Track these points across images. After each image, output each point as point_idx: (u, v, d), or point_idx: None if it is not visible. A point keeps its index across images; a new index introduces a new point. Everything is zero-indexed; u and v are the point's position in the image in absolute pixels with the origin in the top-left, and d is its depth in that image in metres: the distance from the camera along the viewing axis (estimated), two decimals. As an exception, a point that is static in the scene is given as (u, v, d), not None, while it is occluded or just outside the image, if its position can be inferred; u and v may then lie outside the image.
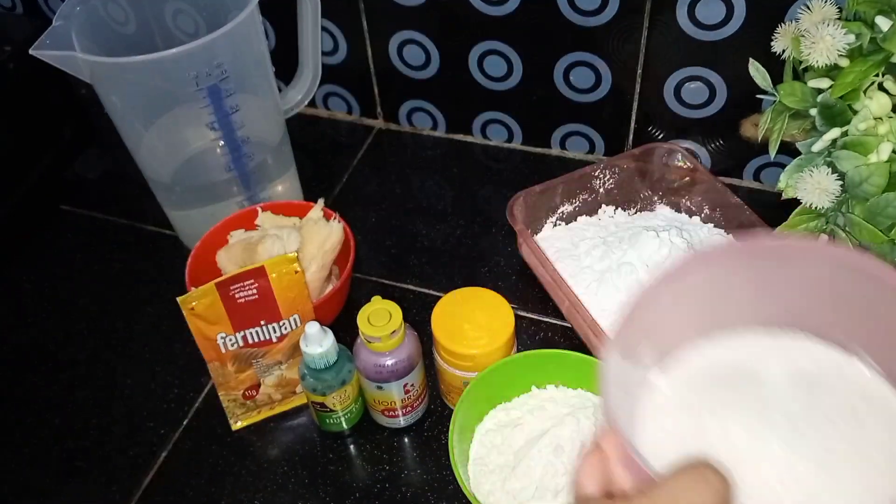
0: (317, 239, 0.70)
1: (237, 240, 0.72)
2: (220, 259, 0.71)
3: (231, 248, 0.71)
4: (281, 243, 0.68)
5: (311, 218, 0.73)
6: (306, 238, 0.70)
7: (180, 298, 0.60)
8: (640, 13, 0.73)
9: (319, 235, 0.70)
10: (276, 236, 0.69)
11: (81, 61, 0.63)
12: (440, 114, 0.90)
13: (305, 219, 0.73)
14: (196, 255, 0.70)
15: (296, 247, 0.69)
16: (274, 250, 0.67)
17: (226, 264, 0.71)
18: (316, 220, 0.72)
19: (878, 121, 0.53)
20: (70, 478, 0.64)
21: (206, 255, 0.71)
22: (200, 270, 0.69)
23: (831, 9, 0.55)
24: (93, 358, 0.73)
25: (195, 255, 0.70)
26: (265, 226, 0.73)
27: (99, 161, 0.93)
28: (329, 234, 0.71)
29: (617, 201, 0.79)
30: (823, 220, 0.57)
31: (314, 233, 0.70)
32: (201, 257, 0.71)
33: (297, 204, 0.75)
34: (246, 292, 0.62)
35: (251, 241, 0.70)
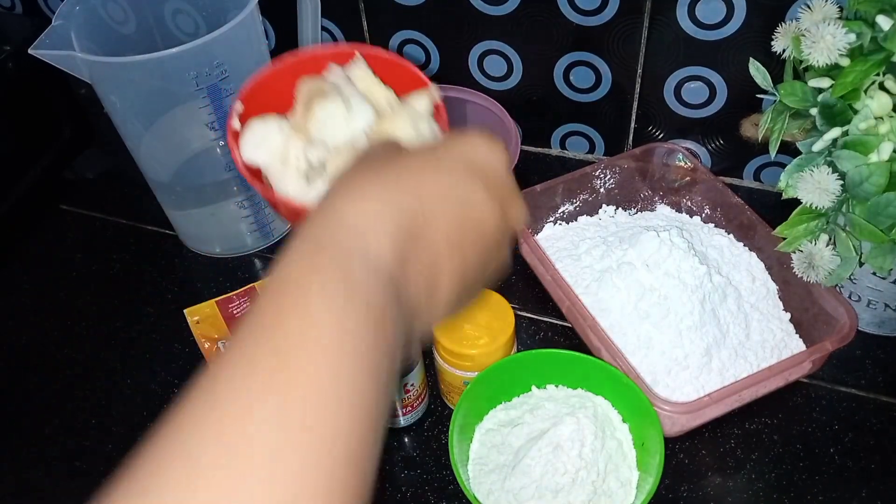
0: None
1: (309, 85, 0.54)
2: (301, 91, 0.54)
3: (303, 86, 0.54)
4: (342, 114, 0.51)
5: (413, 107, 0.53)
6: (385, 127, 0.52)
7: (187, 311, 0.71)
8: (640, 13, 0.73)
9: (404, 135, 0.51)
10: (343, 100, 0.51)
11: (81, 61, 0.63)
12: (440, 114, 0.90)
13: (405, 102, 0.54)
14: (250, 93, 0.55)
15: (362, 125, 0.51)
16: (328, 120, 0.51)
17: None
18: (416, 117, 0.52)
19: (878, 120, 0.53)
20: (70, 478, 0.64)
21: (261, 92, 0.55)
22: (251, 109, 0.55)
23: (832, 8, 0.55)
24: (93, 358, 0.73)
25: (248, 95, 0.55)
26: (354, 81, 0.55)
27: (99, 161, 0.93)
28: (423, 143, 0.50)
29: (617, 201, 0.79)
30: (824, 220, 0.57)
31: (400, 129, 0.51)
32: (254, 95, 0.55)
33: (408, 70, 0.56)
34: (242, 307, 0.72)
35: (319, 89, 0.53)
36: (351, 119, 0.51)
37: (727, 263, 0.70)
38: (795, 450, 0.62)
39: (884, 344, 0.68)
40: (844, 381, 0.66)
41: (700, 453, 0.62)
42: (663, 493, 0.60)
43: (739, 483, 0.60)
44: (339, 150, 0.51)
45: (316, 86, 0.54)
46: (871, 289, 0.65)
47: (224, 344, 0.70)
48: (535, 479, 0.56)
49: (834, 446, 0.62)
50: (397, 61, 0.57)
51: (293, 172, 0.51)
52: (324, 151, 0.51)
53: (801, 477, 0.60)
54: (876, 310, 0.66)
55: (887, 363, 0.67)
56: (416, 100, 0.54)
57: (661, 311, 0.64)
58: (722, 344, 0.64)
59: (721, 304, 0.65)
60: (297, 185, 0.51)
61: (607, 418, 0.61)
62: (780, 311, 0.68)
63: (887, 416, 0.63)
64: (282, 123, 0.53)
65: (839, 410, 0.64)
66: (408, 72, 0.56)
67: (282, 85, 0.55)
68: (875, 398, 0.65)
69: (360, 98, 0.52)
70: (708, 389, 0.62)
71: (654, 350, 0.64)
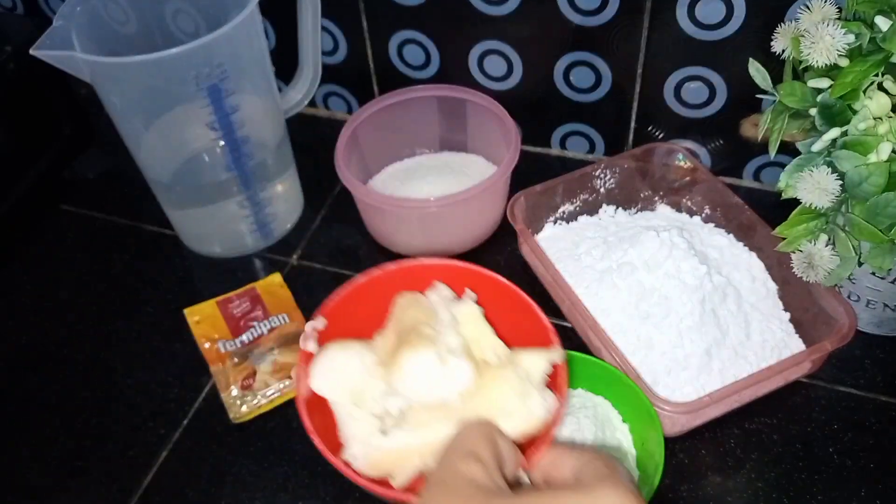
0: (512, 415, 0.43)
1: (406, 308, 0.48)
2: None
3: (400, 308, 0.49)
4: (434, 370, 0.43)
5: (524, 368, 0.44)
6: (484, 389, 0.43)
7: (187, 311, 0.73)
8: (640, 13, 0.73)
9: (517, 411, 0.43)
10: (438, 352, 0.44)
11: (81, 61, 0.63)
12: (440, 114, 0.90)
13: (516, 357, 0.45)
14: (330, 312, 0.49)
15: (456, 389, 0.43)
16: (416, 374, 0.43)
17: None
18: (525, 382, 0.44)
19: (877, 121, 0.53)
20: (70, 478, 0.64)
21: (336, 315, 0.49)
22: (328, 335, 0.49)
23: (831, 8, 0.55)
24: (93, 358, 0.73)
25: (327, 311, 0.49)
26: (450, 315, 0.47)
27: (99, 161, 0.93)
28: (529, 416, 0.43)
29: (617, 201, 0.79)
30: (823, 220, 0.57)
31: (502, 396, 0.43)
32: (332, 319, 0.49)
33: (531, 314, 0.47)
34: (241, 307, 0.73)
35: (413, 328, 0.45)
36: (444, 378, 0.43)
37: (727, 263, 0.70)
38: (795, 450, 0.62)
39: (883, 344, 0.68)
40: (844, 380, 0.66)
41: (700, 453, 0.62)
42: (663, 493, 0.60)
43: (739, 483, 0.60)
44: (423, 405, 0.43)
45: (412, 315, 0.46)
46: (870, 289, 0.65)
47: (225, 342, 0.70)
48: (535, 479, 0.56)
49: (833, 446, 0.62)
50: (519, 298, 0.48)
51: (366, 416, 0.44)
52: (406, 402, 0.43)
53: (801, 477, 0.60)
54: (875, 310, 0.66)
55: (887, 363, 0.67)
56: (531, 359, 0.45)
57: (661, 311, 0.64)
58: (722, 344, 0.64)
59: (721, 304, 0.65)
60: (367, 433, 0.44)
61: (607, 418, 0.61)
62: (780, 311, 0.68)
63: (887, 416, 0.63)
64: (364, 355, 0.45)
65: (839, 410, 0.64)
66: (531, 316, 0.47)
67: (374, 295, 0.49)
68: (874, 398, 0.65)
69: (459, 355, 0.43)
70: (708, 389, 0.62)
71: (654, 350, 0.64)
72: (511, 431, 0.41)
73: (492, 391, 0.43)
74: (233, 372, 0.68)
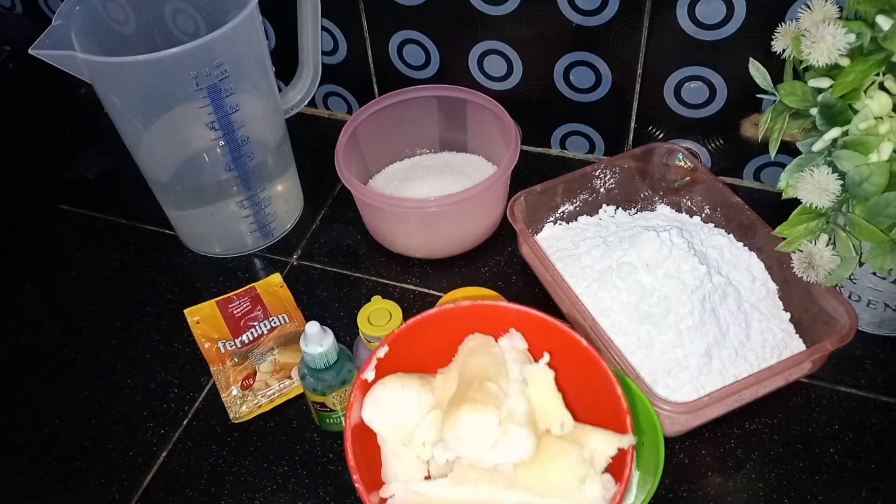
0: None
1: (474, 352, 0.45)
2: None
3: (467, 352, 0.46)
4: (491, 434, 0.40)
5: (589, 451, 0.42)
6: (541, 465, 0.41)
7: (187, 311, 0.73)
8: (640, 13, 0.73)
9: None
10: (500, 417, 0.41)
11: (81, 61, 0.63)
12: (440, 114, 0.90)
13: (582, 434, 0.42)
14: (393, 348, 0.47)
15: (511, 459, 0.40)
16: (472, 434, 0.40)
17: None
18: (587, 468, 0.41)
19: (878, 120, 0.53)
20: (70, 478, 0.64)
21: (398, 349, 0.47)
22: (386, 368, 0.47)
23: (832, 8, 0.55)
24: (93, 358, 0.73)
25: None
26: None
27: (99, 161, 0.93)
28: (584, 502, 0.41)
29: (617, 201, 0.79)
30: (824, 220, 0.57)
31: (559, 478, 0.40)
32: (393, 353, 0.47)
33: (613, 395, 0.43)
34: (242, 307, 0.73)
35: (479, 381, 0.43)
36: (501, 445, 0.40)
37: (727, 263, 0.70)
38: (795, 450, 0.62)
39: (884, 344, 0.68)
40: (844, 380, 0.66)
41: (700, 453, 0.62)
42: (663, 493, 0.60)
43: (739, 483, 0.60)
44: (472, 463, 0.41)
45: (480, 363, 0.43)
46: (870, 289, 0.65)
47: (225, 343, 0.70)
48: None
49: (834, 446, 0.62)
50: (600, 368, 0.43)
51: (412, 458, 0.43)
52: (455, 455, 0.41)
53: (801, 477, 0.60)
54: (876, 310, 0.66)
55: (887, 363, 0.67)
56: (598, 441, 0.42)
57: (661, 312, 0.64)
58: (722, 344, 0.64)
59: (721, 304, 0.65)
60: (410, 475, 0.42)
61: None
62: (780, 311, 0.68)
63: (887, 416, 0.63)
64: (422, 396, 0.44)
65: (839, 410, 0.64)
66: (608, 391, 0.43)
67: (443, 330, 0.46)
68: (875, 398, 0.65)
69: (522, 424, 0.40)
70: (708, 389, 0.62)
71: (654, 350, 0.64)
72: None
73: (549, 467, 0.40)
74: (233, 372, 0.68)
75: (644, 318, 0.64)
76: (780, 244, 0.60)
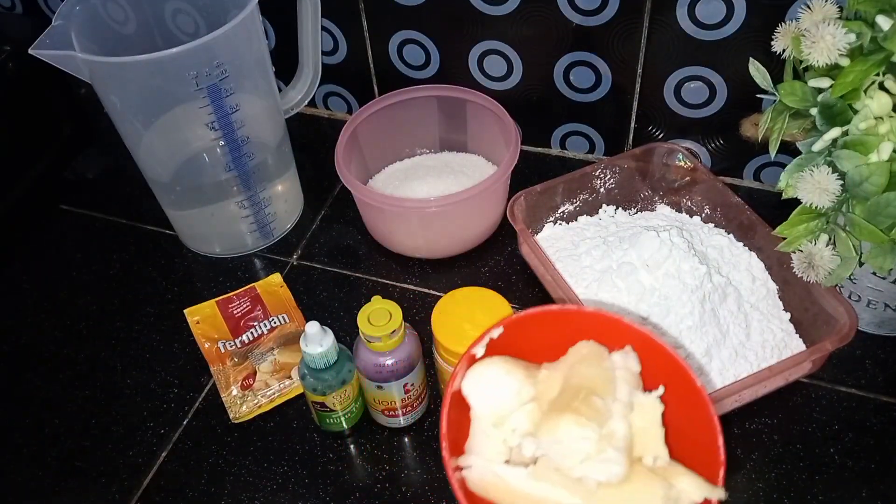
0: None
1: (586, 359, 0.45)
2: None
3: (578, 357, 0.46)
4: (586, 447, 0.41)
5: (676, 487, 0.41)
6: (626, 496, 0.41)
7: (187, 311, 0.74)
8: (640, 13, 0.73)
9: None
10: (599, 432, 0.41)
11: (81, 61, 0.63)
12: (440, 114, 0.90)
13: (672, 471, 0.42)
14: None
15: (599, 478, 0.41)
16: (566, 441, 0.41)
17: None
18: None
19: (878, 120, 0.53)
20: (70, 478, 0.64)
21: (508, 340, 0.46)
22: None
23: (832, 8, 0.55)
24: (93, 358, 0.73)
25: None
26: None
27: (99, 161, 0.93)
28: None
29: (617, 201, 0.79)
30: (824, 220, 0.57)
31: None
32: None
33: (712, 437, 0.42)
34: (242, 307, 0.73)
35: (586, 392, 0.43)
36: (592, 462, 0.40)
37: (727, 263, 0.70)
38: (795, 450, 0.62)
39: (884, 344, 0.68)
40: (844, 381, 0.66)
41: (700, 453, 0.62)
42: (663, 493, 0.60)
43: (739, 483, 0.60)
44: (557, 465, 0.41)
45: (589, 373, 0.43)
46: (871, 289, 0.65)
47: (225, 343, 0.70)
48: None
49: (834, 446, 0.62)
50: (709, 416, 0.43)
51: (499, 441, 0.43)
52: (542, 453, 0.42)
53: (802, 477, 0.60)
54: (876, 310, 0.66)
55: (887, 363, 0.67)
56: (688, 483, 0.41)
57: (661, 312, 0.64)
58: (722, 344, 0.64)
59: (721, 304, 0.65)
60: (492, 456, 0.43)
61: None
62: (780, 311, 0.68)
63: (887, 416, 0.63)
64: (524, 385, 0.44)
65: (839, 410, 0.64)
66: (711, 440, 0.42)
67: (560, 327, 0.46)
68: (875, 398, 0.65)
69: (619, 448, 0.41)
70: (708, 389, 0.62)
71: (654, 350, 0.64)
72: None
73: (632, 495, 0.40)
74: (233, 372, 0.68)
75: (644, 319, 0.64)
76: (780, 244, 0.60)
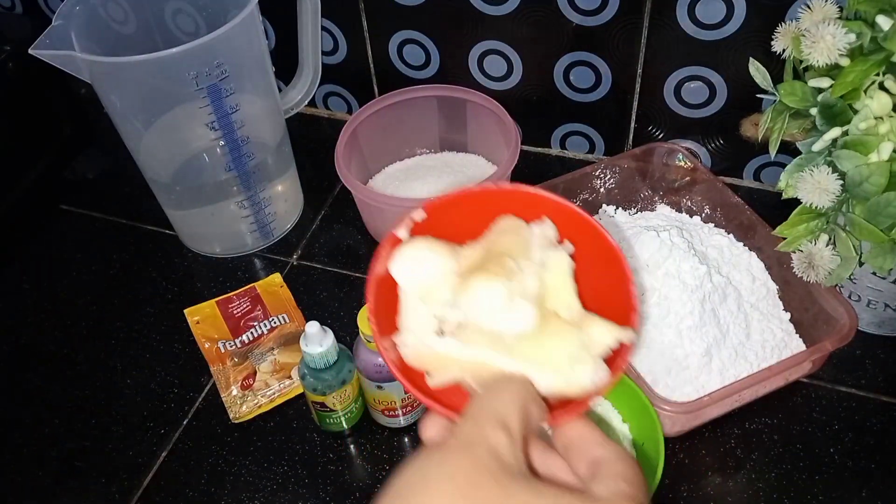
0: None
1: (505, 231, 0.47)
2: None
3: (499, 229, 0.48)
4: (498, 304, 0.44)
5: (590, 335, 0.42)
6: (539, 342, 0.43)
7: (187, 311, 0.74)
8: (640, 13, 0.73)
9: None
10: (509, 288, 0.44)
11: (81, 61, 0.63)
12: (440, 114, 0.90)
13: (586, 320, 0.43)
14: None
15: (513, 330, 0.44)
16: (480, 301, 0.44)
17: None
18: (585, 349, 0.43)
19: (878, 120, 0.53)
20: (70, 478, 0.64)
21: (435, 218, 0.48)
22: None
23: (832, 8, 0.55)
24: (93, 358, 0.73)
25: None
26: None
27: (99, 161, 0.93)
28: (572, 382, 0.43)
29: (617, 201, 0.79)
30: (824, 220, 0.57)
31: (552, 356, 0.42)
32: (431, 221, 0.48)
33: (624, 288, 0.43)
34: (242, 307, 0.73)
35: (499, 256, 0.45)
36: (505, 315, 0.43)
37: (727, 263, 0.70)
38: (795, 450, 0.62)
39: (884, 344, 0.68)
40: (844, 381, 0.66)
41: (700, 453, 0.62)
42: (663, 493, 0.60)
43: (739, 483, 0.60)
44: (480, 327, 0.43)
45: (507, 241, 0.46)
46: (871, 289, 0.65)
47: (225, 343, 0.70)
48: (535, 479, 0.56)
49: (834, 446, 0.62)
50: (622, 266, 0.45)
51: (428, 314, 0.45)
52: (465, 318, 0.44)
53: (801, 477, 0.60)
54: (876, 310, 0.66)
55: (887, 363, 0.67)
56: (600, 329, 0.43)
57: (661, 312, 0.64)
58: (722, 344, 0.64)
59: (721, 304, 0.65)
60: (423, 329, 0.45)
61: (607, 418, 0.61)
62: (780, 311, 0.68)
63: (887, 416, 0.63)
64: (447, 260, 0.46)
65: (839, 410, 0.64)
66: (624, 289, 0.44)
67: (480, 209, 0.48)
68: (875, 398, 0.65)
69: (528, 299, 0.43)
70: (708, 389, 0.62)
71: (654, 350, 0.64)
72: (548, 388, 0.41)
73: (548, 343, 0.43)
74: (233, 372, 0.68)
75: (644, 318, 0.64)
76: (780, 244, 0.60)
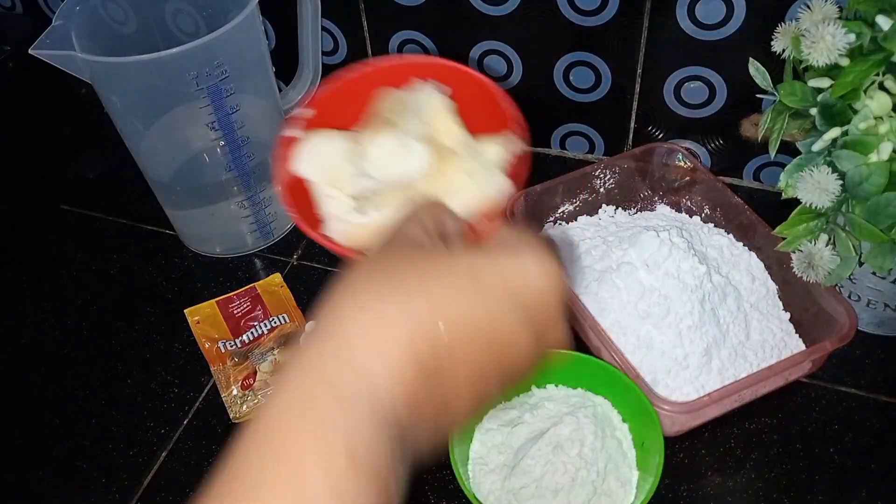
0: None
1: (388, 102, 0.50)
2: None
3: (383, 102, 0.51)
4: (395, 151, 0.47)
5: (484, 155, 0.47)
6: (443, 171, 0.47)
7: (187, 311, 0.74)
8: (640, 13, 0.73)
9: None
10: (399, 136, 0.47)
11: (81, 61, 0.63)
12: (440, 114, 0.90)
13: (479, 144, 0.48)
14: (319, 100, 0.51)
15: (415, 168, 0.47)
16: (379, 156, 0.47)
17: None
18: (483, 167, 0.46)
19: (878, 120, 0.53)
20: (70, 478, 0.64)
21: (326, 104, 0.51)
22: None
23: (832, 8, 0.55)
24: (93, 358, 0.73)
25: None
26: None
27: (99, 161, 0.93)
28: (479, 195, 0.46)
29: (617, 201, 0.79)
30: (823, 220, 0.57)
31: (457, 179, 0.46)
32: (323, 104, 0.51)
33: (498, 105, 0.48)
34: (242, 307, 0.74)
35: (392, 112, 0.49)
36: (404, 159, 0.46)
37: (727, 263, 0.70)
38: (795, 450, 0.62)
39: (884, 344, 0.68)
40: (844, 380, 0.66)
41: (700, 453, 0.62)
42: (663, 493, 0.60)
43: (739, 483, 0.60)
44: (390, 185, 0.46)
45: (388, 107, 0.49)
46: (870, 288, 0.65)
47: (225, 343, 0.70)
48: (535, 478, 0.56)
49: (834, 446, 0.62)
50: (490, 89, 0.50)
51: (343, 197, 0.47)
52: (377, 184, 0.47)
53: (801, 477, 0.60)
54: (876, 309, 0.66)
55: (887, 363, 0.67)
56: (490, 147, 0.48)
57: (661, 311, 0.64)
58: (722, 344, 0.64)
59: (721, 303, 0.65)
60: (344, 211, 0.47)
61: (607, 418, 0.61)
62: (780, 311, 0.68)
63: (887, 416, 0.63)
64: (344, 142, 0.48)
65: (839, 410, 0.64)
66: (497, 108, 0.49)
67: (362, 91, 0.50)
68: (875, 398, 0.65)
69: (415, 138, 0.47)
70: (708, 389, 0.62)
71: (654, 350, 0.64)
72: (461, 207, 0.44)
73: (448, 172, 0.46)
74: (233, 372, 0.68)
75: (644, 318, 0.64)
76: (780, 244, 0.60)
